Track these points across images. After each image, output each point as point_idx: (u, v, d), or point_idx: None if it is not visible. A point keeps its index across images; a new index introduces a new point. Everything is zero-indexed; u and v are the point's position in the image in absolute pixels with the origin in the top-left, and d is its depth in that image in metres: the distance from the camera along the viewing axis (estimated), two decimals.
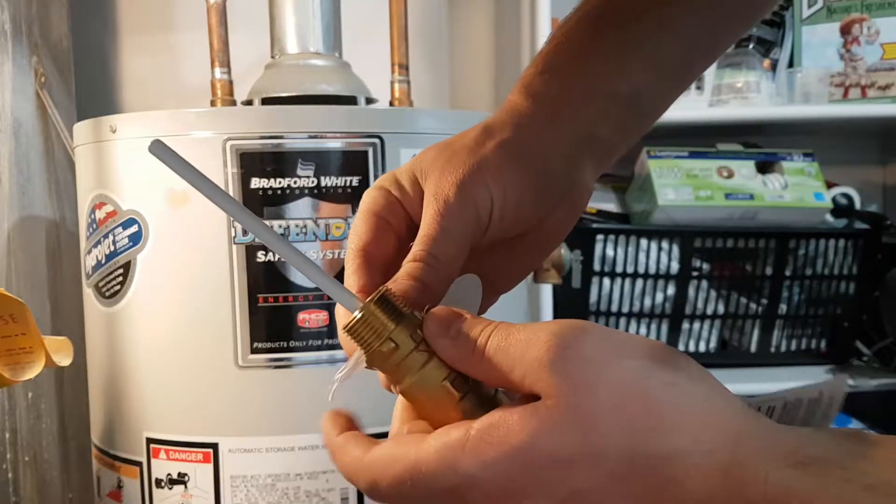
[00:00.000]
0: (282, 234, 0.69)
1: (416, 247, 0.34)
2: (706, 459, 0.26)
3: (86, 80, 1.23)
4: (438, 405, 0.31)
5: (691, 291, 1.16)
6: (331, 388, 0.34)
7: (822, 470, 0.25)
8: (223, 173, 0.69)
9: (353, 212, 0.71)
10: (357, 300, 0.33)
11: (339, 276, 0.37)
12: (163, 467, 0.73)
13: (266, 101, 0.86)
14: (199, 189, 0.33)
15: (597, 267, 1.14)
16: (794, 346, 1.21)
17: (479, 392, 0.31)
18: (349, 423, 0.34)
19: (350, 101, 0.86)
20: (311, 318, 0.70)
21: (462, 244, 0.35)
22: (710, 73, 1.14)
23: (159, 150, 0.32)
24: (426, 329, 0.31)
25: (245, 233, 0.70)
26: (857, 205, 1.26)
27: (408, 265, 0.34)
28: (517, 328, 0.30)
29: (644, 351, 0.28)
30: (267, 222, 0.69)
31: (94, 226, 0.76)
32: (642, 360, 0.28)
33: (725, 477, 0.26)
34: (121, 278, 0.73)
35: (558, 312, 1.10)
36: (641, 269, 1.14)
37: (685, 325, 1.18)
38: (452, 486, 0.28)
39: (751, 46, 1.23)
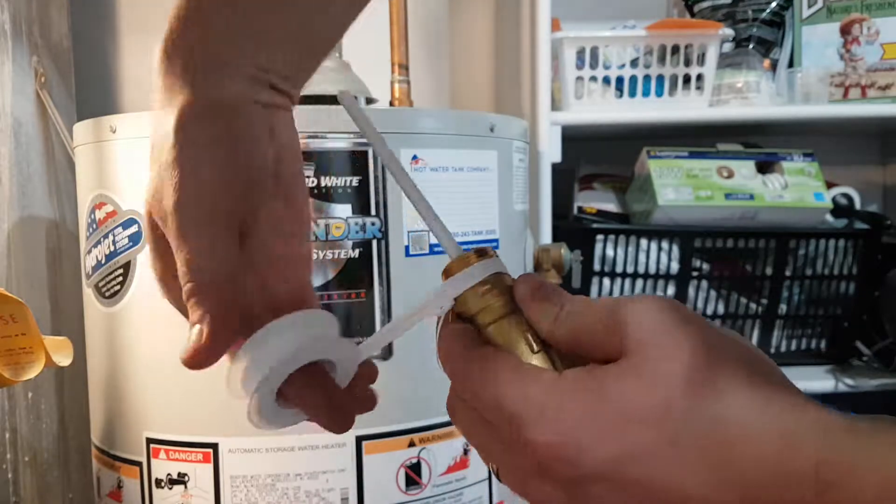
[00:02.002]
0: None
1: None
2: (765, 425, 0.27)
3: (86, 80, 1.23)
4: (514, 354, 0.32)
5: (691, 291, 1.16)
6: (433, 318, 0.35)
7: (871, 436, 0.26)
8: None
9: (353, 212, 0.71)
10: (461, 248, 0.35)
11: (341, 275, 0.37)
12: (163, 467, 0.73)
13: None
14: (372, 146, 0.36)
15: (597, 267, 1.14)
16: (794, 346, 1.21)
17: (550, 354, 0.32)
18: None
19: None
20: None
21: None
22: (710, 73, 1.14)
23: (347, 100, 0.36)
24: (516, 289, 0.33)
25: None
26: (857, 205, 1.26)
27: None
28: (595, 302, 0.32)
29: (708, 326, 0.30)
30: None
31: (94, 226, 0.76)
32: (708, 332, 0.30)
33: (781, 441, 0.27)
34: (121, 278, 0.73)
35: None
36: (641, 269, 1.14)
37: None
38: (517, 415, 0.30)
39: (751, 46, 1.24)
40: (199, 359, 0.36)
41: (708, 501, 0.28)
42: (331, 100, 0.85)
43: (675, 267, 1.15)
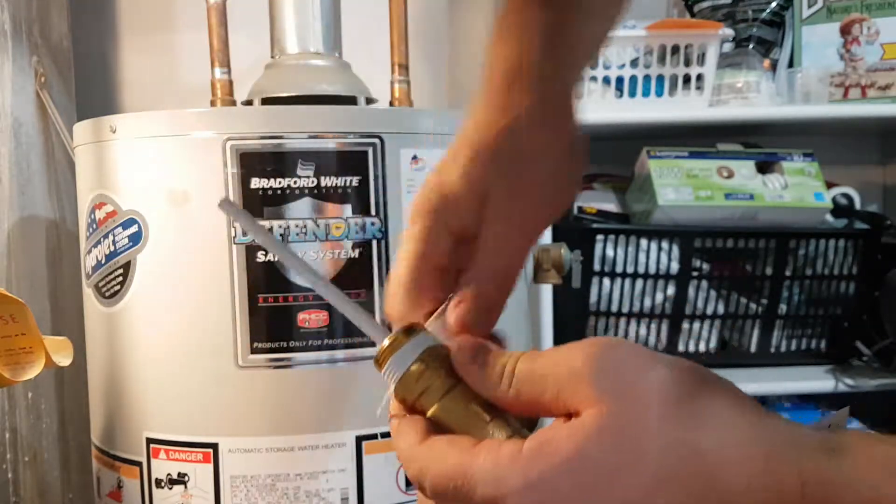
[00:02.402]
0: (283, 241, 0.69)
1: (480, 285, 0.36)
2: (746, 452, 0.27)
3: (86, 81, 1.23)
4: (465, 430, 0.31)
5: (691, 291, 1.16)
6: (378, 412, 0.35)
7: (851, 454, 0.26)
8: (223, 173, 0.69)
9: (353, 212, 0.71)
10: (385, 332, 0.34)
11: (341, 275, 0.37)
12: (163, 467, 0.73)
13: (266, 102, 0.86)
14: (266, 246, 0.37)
15: (597, 267, 1.14)
16: (794, 346, 1.21)
17: (504, 419, 0.31)
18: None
19: (350, 101, 0.86)
20: (311, 319, 0.70)
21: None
22: (710, 74, 1.14)
23: (227, 206, 0.36)
24: (455, 358, 0.33)
25: (245, 232, 0.70)
26: (857, 205, 1.26)
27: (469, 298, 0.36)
28: (543, 353, 0.31)
29: (671, 360, 0.30)
30: (266, 223, 0.69)
31: (94, 226, 0.76)
32: (671, 367, 0.29)
33: (764, 466, 0.27)
34: (121, 278, 0.73)
35: (558, 312, 1.10)
36: (641, 269, 1.14)
37: (685, 325, 1.18)
38: (491, 499, 0.29)
39: (751, 46, 1.24)
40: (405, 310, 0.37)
41: None
42: (330, 100, 0.85)
43: (675, 267, 1.15)
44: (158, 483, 0.73)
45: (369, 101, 0.89)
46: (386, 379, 0.33)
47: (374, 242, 0.71)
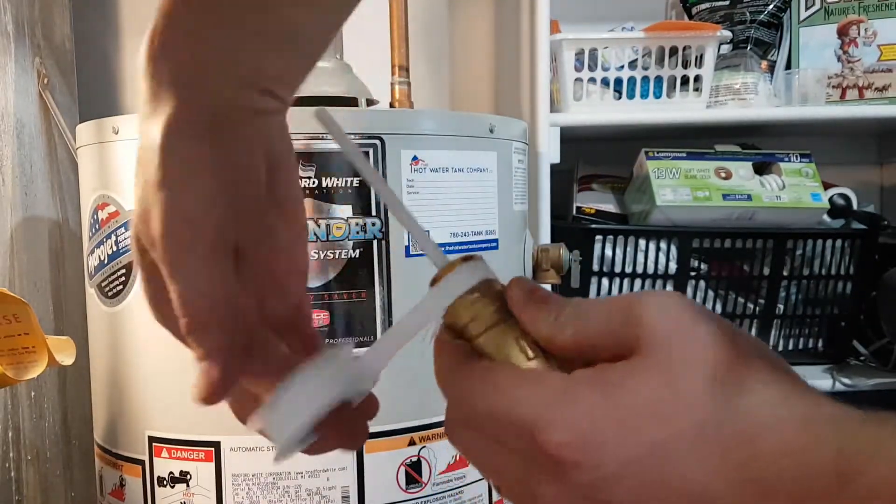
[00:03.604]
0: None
1: None
2: (785, 417, 0.27)
3: (88, 81, 1.24)
4: (509, 363, 0.31)
5: (689, 291, 1.17)
6: (428, 336, 0.34)
7: (891, 426, 0.26)
8: None
9: (354, 212, 0.71)
10: (446, 258, 0.33)
11: (342, 275, 0.38)
12: (165, 466, 0.73)
13: None
14: (351, 159, 0.36)
15: (595, 267, 1.15)
16: (791, 346, 1.21)
17: (549, 360, 0.31)
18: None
19: (351, 102, 0.87)
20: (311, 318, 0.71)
21: None
22: (708, 75, 1.14)
23: (324, 116, 0.36)
24: (510, 293, 0.32)
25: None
26: (855, 205, 1.26)
27: None
28: (597, 299, 0.30)
29: (723, 321, 0.29)
30: None
31: (97, 226, 0.76)
32: (724, 327, 0.29)
33: (802, 432, 0.26)
34: (123, 278, 0.74)
35: None
36: (640, 269, 1.15)
37: None
38: (531, 423, 0.28)
39: (749, 48, 1.24)
40: (212, 397, 0.35)
41: (731, 497, 0.27)
42: (331, 101, 0.86)
43: (673, 267, 1.15)
44: (161, 481, 0.74)
45: (370, 102, 0.89)
46: (439, 300, 0.32)
47: (375, 242, 0.72)
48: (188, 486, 0.72)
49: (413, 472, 0.74)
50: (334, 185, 0.71)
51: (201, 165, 0.32)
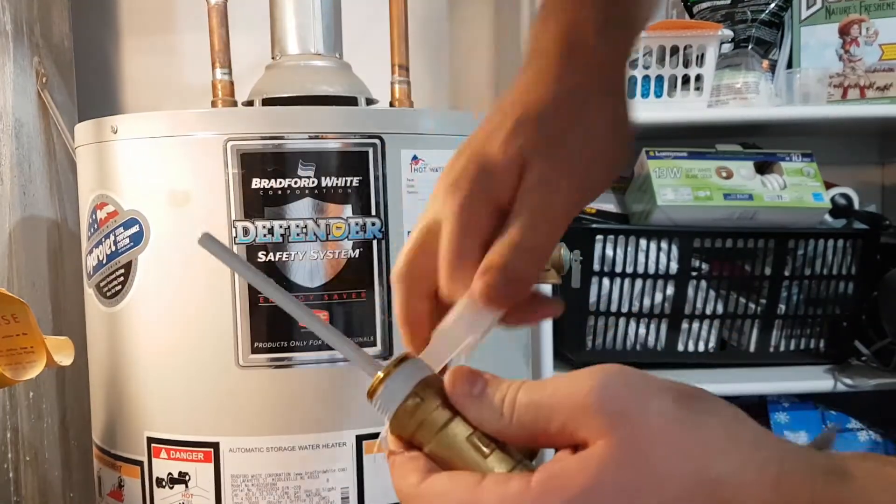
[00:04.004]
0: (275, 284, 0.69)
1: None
2: (757, 477, 0.27)
3: (87, 81, 1.24)
4: (465, 464, 0.30)
5: (690, 291, 1.16)
6: (378, 445, 0.34)
7: (861, 476, 0.26)
8: (224, 174, 0.70)
9: (354, 212, 0.71)
10: (378, 365, 0.33)
11: (341, 275, 0.37)
12: (164, 466, 0.73)
13: (267, 102, 0.86)
14: (246, 279, 0.36)
15: (596, 267, 1.15)
16: (792, 346, 1.21)
17: (504, 450, 0.30)
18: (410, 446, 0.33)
19: (350, 101, 0.86)
20: None
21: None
22: (709, 74, 1.14)
23: (208, 242, 0.36)
24: (450, 390, 0.31)
25: (246, 233, 0.70)
26: (856, 205, 1.26)
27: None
28: (543, 383, 0.30)
29: (672, 385, 0.29)
30: (267, 223, 0.70)
31: (96, 226, 0.76)
32: (674, 393, 0.29)
33: (776, 490, 0.26)
34: (122, 278, 0.74)
35: None
36: (641, 269, 1.15)
37: (684, 325, 1.18)
38: None
39: (750, 47, 1.24)
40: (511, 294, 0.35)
41: None
42: (331, 100, 0.85)
43: (674, 267, 1.15)
44: (159, 482, 0.73)
45: (370, 101, 0.89)
46: (379, 413, 0.32)
47: (375, 242, 0.72)
48: (187, 486, 0.72)
49: None
50: (334, 184, 0.70)
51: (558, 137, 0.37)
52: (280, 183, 0.70)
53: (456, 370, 0.32)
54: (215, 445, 0.71)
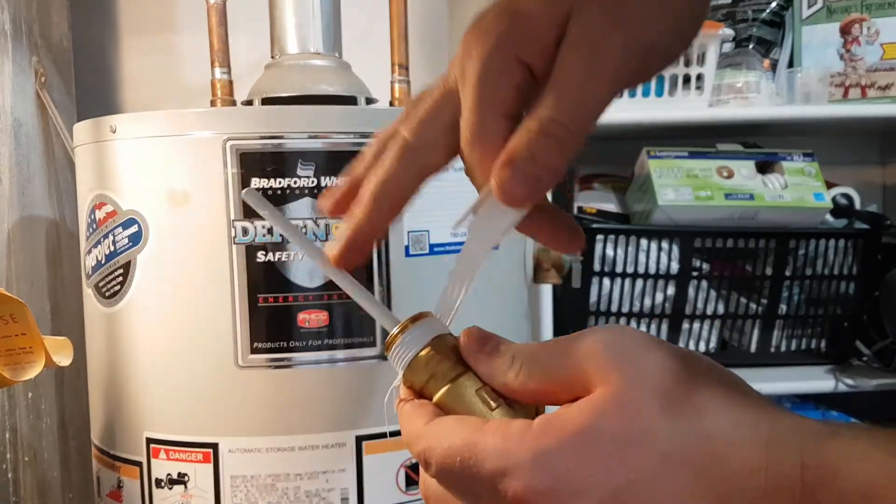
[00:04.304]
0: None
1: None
2: (749, 436, 0.27)
3: (86, 80, 1.23)
4: (472, 416, 0.32)
5: (691, 291, 1.16)
6: (386, 398, 0.35)
7: (850, 439, 0.26)
8: (223, 173, 0.69)
9: None
10: (395, 320, 0.34)
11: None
12: (163, 467, 0.73)
13: (266, 102, 0.86)
14: (285, 235, 0.37)
15: (597, 267, 1.14)
16: (794, 346, 1.21)
17: (511, 406, 0.32)
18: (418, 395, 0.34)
19: (350, 101, 0.86)
20: (311, 318, 0.70)
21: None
22: (710, 74, 1.14)
23: (251, 196, 0.37)
24: (463, 345, 0.33)
25: (245, 233, 0.70)
26: (857, 205, 1.26)
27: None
28: (549, 342, 0.31)
29: (674, 346, 0.30)
30: (268, 222, 0.69)
31: (94, 226, 0.76)
32: (675, 352, 0.29)
33: (766, 450, 0.27)
34: (121, 278, 0.73)
35: (558, 313, 1.10)
36: (641, 269, 1.14)
37: (685, 325, 1.18)
38: (499, 472, 0.28)
39: (751, 47, 1.24)
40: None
41: None
42: (330, 100, 0.85)
43: (674, 267, 1.15)
44: (158, 483, 0.73)
45: (369, 101, 0.89)
46: (394, 364, 0.34)
47: (374, 242, 0.71)
48: (186, 487, 0.72)
49: (413, 474, 0.74)
50: (334, 184, 0.70)
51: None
52: (279, 183, 0.69)
53: (470, 330, 0.33)
54: (214, 446, 0.71)
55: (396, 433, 0.73)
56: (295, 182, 0.70)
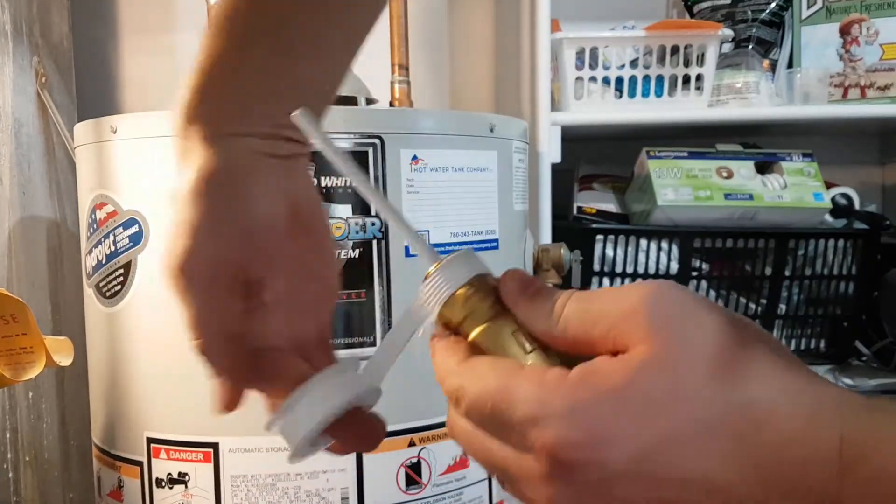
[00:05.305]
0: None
1: None
2: (791, 407, 0.27)
3: (86, 81, 1.24)
4: (506, 357, 0.31)
5: None
6: (420, 332, 0.35)
7: (893, 413, 0.26)
8: None
9: (353, 212, 0.71)
10: (437, 255, 0.33)
11: (341, 276, 0.37)
12: (163, 467, 0.73)
13: None
14: (330, 158, 0.37)
15: (596, 267, 1.15)
16: (793, 346, 1.21)
17: (546, 352, 0.31)
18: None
19: (350, 101, 0.86)
20: None
21: None
22: (709, 74, 1.14)
23: (301, 118, 0.37)
24: (503, 288, 0.32)
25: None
26: (857, 205, 1.26)
27: None
28: (594, 292, 0.30)
29: (722, 309, 0.29)
30: None
31: (95, 226, 0.76)
32: (724, 315, 0.29)
33: (807, 421, 0.26)
34: (121, 278, 0.74)
35: None
36: (641, 270, 1.15)
37: None
38: (531, 420, 0.28)
39: (750, 47, 1.24)
40: (225, 408, 0.41)
41: (743, 485, 0.27)
42: None
43: (674, 267, 1.15)
44: (159, 483, 0.73)
45: (369, 101, 0.89)
46: (429, 299, 0.32)
47: (375, 242, 0.71)
48: (187, 487, 0.72)
49: (413, 474, 0.74)
50: (334, 184, 0.70)
51: (215, 210, 0.37)
52: None
53: (512, 272, 0.32)
54: (215, 446, 0.71)
55: (395, 434, 0.73)
56: None
